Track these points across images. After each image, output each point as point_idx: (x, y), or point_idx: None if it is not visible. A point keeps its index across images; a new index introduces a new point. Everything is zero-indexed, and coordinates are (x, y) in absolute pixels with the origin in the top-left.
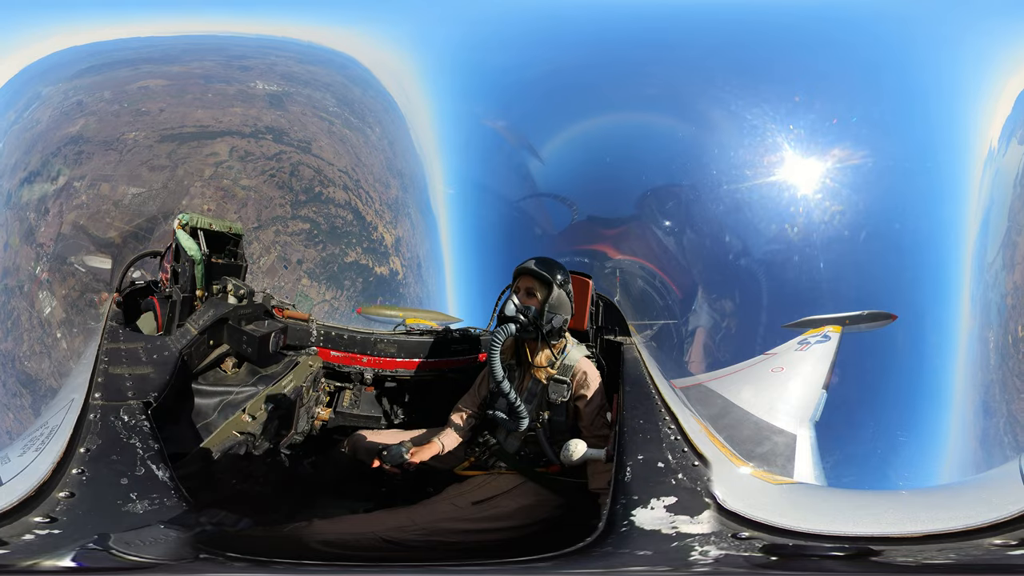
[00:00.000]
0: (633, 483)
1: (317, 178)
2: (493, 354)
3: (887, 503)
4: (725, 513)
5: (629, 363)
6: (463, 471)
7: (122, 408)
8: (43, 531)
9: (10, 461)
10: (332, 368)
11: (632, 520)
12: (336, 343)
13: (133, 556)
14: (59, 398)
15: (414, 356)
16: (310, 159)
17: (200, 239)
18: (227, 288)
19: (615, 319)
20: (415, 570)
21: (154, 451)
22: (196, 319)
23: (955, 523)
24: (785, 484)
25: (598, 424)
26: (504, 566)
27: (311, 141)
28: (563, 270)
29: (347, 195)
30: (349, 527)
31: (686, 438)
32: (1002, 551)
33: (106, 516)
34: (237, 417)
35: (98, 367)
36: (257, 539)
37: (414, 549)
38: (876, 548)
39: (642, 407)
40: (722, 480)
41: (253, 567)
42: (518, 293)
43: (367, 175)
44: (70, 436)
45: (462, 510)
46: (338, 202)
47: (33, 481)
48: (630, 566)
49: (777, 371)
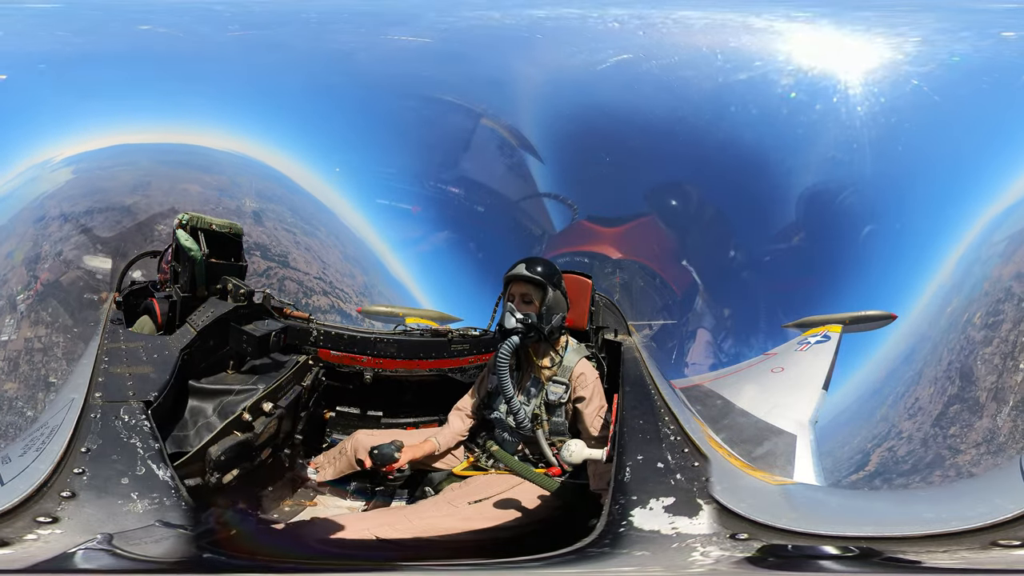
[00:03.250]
0: (632, 483)
1: (301, 290)
2: (503, 373)
3: (887, 503)
4: (725, 513)
5: (629, 363)
6: (462, 471)
7: (122, 408)
8: (43, 531)
9: (10, 461)
10: (332, 368)
11: (631, 520)
12: (336, 343)
13: (133, 556)
14: (59, 398)
15: (414, 356)
16: (290, 272)
17: (200, 239)
18: (227, 288)
19: (615, 319)
20: (412, 570)
21: (154, 451)
22: (196, 319)
23: (955, 523)
24: (785, 484)
25: (597, 425)
26: (502, 566)
27: (287, 254)
28: (553, 267)
29: (329, 300)
30: (346, 526)
31: (686, 438)
32: (1002, 551)
33: (106, 516)
34: (237, 417)
35: (98, 367)
36: (257, 539)
37: (411, 549)
38: (876, 548)
39: (642, 407)
40: (722, 480)
41: (253, 567)
42: (512, 300)
43: (335, 273)
44: (70, 436)
45: (460, 510)
46: (323, 308)
47: (33, 481)
48: (629, 566)
49: (777, 371)
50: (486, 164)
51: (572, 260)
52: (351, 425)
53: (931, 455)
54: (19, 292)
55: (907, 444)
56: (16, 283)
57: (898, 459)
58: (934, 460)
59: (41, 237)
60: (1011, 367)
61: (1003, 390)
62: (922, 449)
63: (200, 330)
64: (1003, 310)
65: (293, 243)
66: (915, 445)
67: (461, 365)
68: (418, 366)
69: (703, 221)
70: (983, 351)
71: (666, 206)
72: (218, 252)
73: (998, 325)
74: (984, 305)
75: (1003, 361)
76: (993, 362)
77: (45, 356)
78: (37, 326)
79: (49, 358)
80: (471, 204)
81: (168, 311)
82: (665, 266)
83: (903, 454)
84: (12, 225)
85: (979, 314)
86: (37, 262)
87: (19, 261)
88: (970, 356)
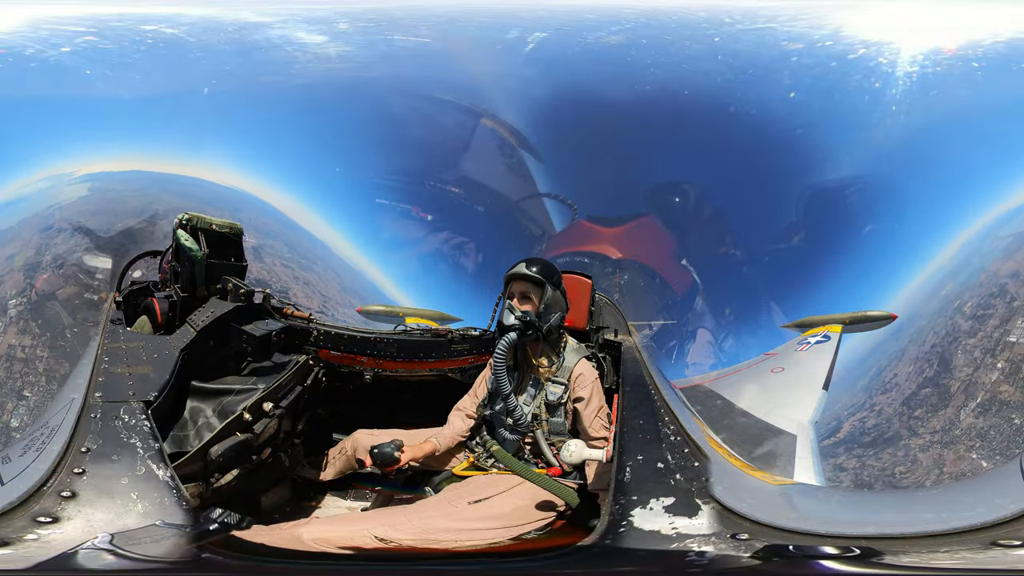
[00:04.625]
0: (632, 483)
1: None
2: (500, 369)
3: (887, 503)
4: (724, 513)
5: (629, 363)
6: (461, 471)
7: (122, 408)
8: (43, 531)
9: (10, 461)
10: (332, 368)
11: (631, 520)
12: (336, 343)
13: (133, 556)
14: (59, 398)
15: (414, 356)
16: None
17: (200, 239)
18: (227, 288)
19: (615, 319)
20: (413, 570)
21: (154, 451)
22: (196, 319)
23: (955, 523)
24: (785, 484)
25: (596, 425)
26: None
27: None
28: (552, 267)
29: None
30: (345, 526)
31: (686, 438)
32: (1002, 551)
33: (106, 516)
34: (237, 417)
35: (98, 367)
36: (257, 539)
37: (410, 548)
38: (876, 548)
39: (642, 407)
40: (722, 480)
41: (253, 567)
42: (512, 299)
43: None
44: (70, 436)
45: (459, 510)
46: None
47: (33, 481)
48: (629, 566)
49: (777, 371)
50: (486, 164)
51: (572, 260)
52: (351, 425)
53: (891, 432)
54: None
55: (876, 417)
56: (11, 287)
57: (865, 430)
58: (893, 437)
59: (45, 247)
60: (988, 364)
61: (974, 385)
62: (886, 424)
63: (200, 330)
64: (993, 305)
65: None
66: (881, 420)
67: (461, 365)
68: (418, 366)
69: (702, 221)
70: (966, 341)
71: (666, 206)
72: (218, 252)
73: (986, 319)
74: (976, 296)
75: (982, 356)
76: (973, 354)
77: (24, 367)
78: (24, 336)
79: (28, 370)
80: (471, 204)
81: (168, 311)
82: (665, 266)
83: (870, 426)
84: (20, 228)
85: (970, 304)
86: (36, 270)
87: (19, 265)
88: (953, 343)
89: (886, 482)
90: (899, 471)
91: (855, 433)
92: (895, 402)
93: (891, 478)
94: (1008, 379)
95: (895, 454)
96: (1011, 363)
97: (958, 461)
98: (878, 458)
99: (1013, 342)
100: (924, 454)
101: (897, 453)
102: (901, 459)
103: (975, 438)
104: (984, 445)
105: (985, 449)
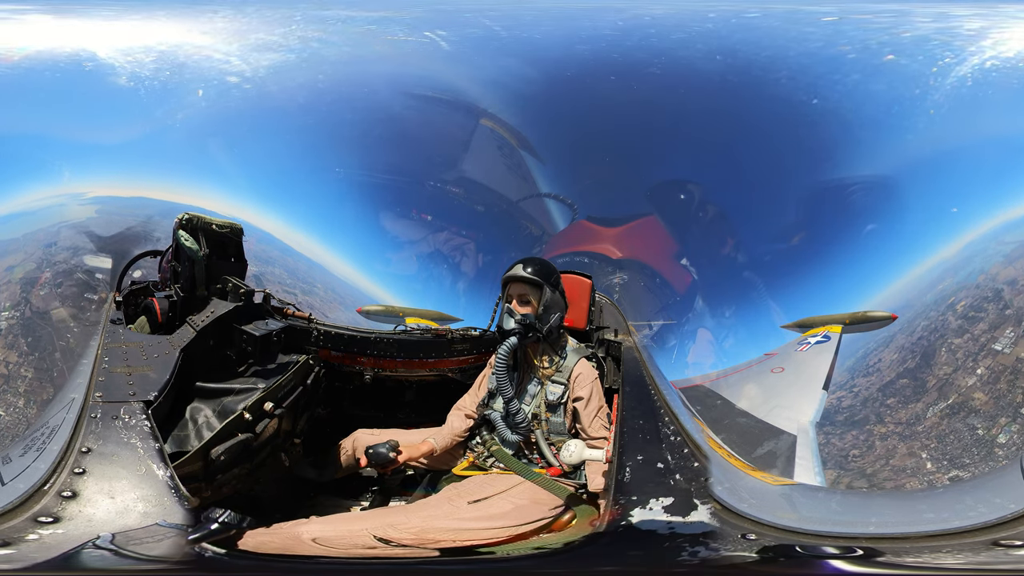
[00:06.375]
0: (632, 483)
1: None
2: (502, 373)
3: (887, 503)
4: (724, 513)
5: (629, 363)
6: (461, 471)
7: (122, 408)
8: (43, 531)
9: (10, 461)
10: (332, 368)
11: (631, 520)
12: (336, 343)
13: (134, 556)
14: (59, 398)
15: (414, 356)
16: None
17: (200, 238)
18: (227, 287)
19: (615, 319)
20: (412, 569)
21: (154, 451)
22: (196, 319)
23: (955, 523)
24: (785, 484)
25: (596, 425)
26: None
27: None
28: (550, 267)
29: None
30: (345, 525)
31: (686, 438)
32: (1002, 551)
33: (106, 516)
34: (237, 417)
35: (98, 367)
36: (257, 539)
37: (409, 548)
38: (877, 548)
39: (642, 407)
40: (721, 480)
41: (253, 567)
42: (511, 301)
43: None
44: (70, 436)
45: (459, 510)
46: None
47: (34, 481)
48: (629, 566)
49: (777, 371)
50: (486, 164)
51: (572, 260)
52: (351, 425)
53: (861, 415)
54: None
55: (852, 398)
56: (6, 300)
57: (840, 408)
58: (860, 421)
59: (45, 263)
60: (969, 367)
61: (949, 386)
62: (859, 407)
63: (200, 330)
64: (986, 308)
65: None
66: (856, 402)
67: (461, 365)
68: (418, 366)
69: (703, 221)
70: (952, 340)
71: (666, 206)
72: (218, 252)
73: (976, 321)
74: (971, 297)
75: (964, 359)
76: (956, 355)
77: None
78: (10, 351)
79: (7, 390)
80: (471, 204)
81: (168, 311)
82: (665, 266)
83: (845, 406)
84: (24, 240)
85: (963, 303)
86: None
87: (17, 278)
88: (939, 339)
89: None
90: (852, 454)
91: (829, 411)
92: (873, 387)
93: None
94: (984, 387)
95: (857, 437)
96: (991, 371)
97: (907, 457)
98: (841, 438)
99: (997, 350)
100: (882, 443)
101: (859, 437)
102: (860, 443)
103: (932, 439)
104: (937, 448)
105: (936, 452)
